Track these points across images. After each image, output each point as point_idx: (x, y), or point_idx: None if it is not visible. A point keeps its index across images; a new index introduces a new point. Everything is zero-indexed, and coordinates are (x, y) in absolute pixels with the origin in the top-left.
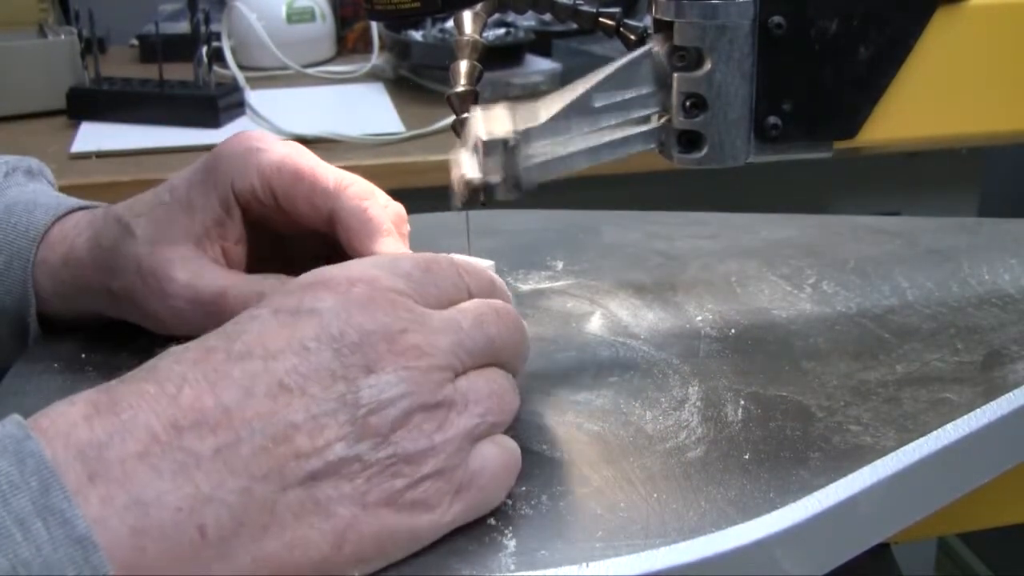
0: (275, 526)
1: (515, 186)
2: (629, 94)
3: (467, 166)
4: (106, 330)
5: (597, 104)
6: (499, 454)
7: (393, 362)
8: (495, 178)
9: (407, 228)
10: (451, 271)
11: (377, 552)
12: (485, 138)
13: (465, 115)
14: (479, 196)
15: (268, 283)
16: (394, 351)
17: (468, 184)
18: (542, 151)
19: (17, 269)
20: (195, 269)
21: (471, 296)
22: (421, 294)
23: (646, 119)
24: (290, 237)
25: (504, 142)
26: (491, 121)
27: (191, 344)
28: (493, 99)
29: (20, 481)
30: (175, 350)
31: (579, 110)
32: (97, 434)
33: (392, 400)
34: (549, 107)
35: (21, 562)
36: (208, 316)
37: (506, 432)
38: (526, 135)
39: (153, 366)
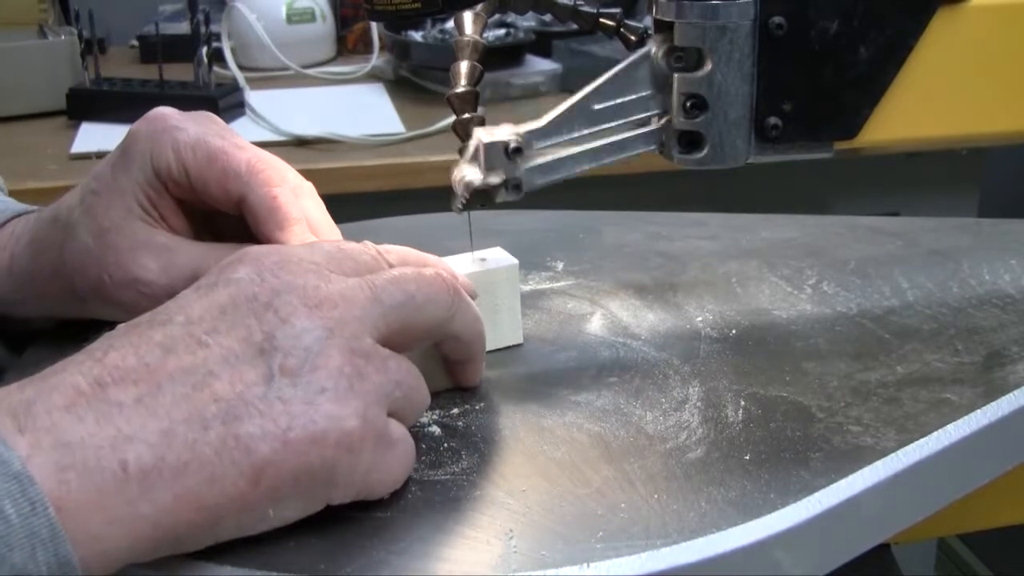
0: (195, 463)
1: (516, 188)
2: (629, 97)
3: (468, 169)
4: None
5: (597, 107)
6: (407, 438)
7: (308, 313)
8: (496, 180)
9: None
10: (368, 250)
11: (293, 489)
12: (486, 140)
13: (465, 115)
14: (480, 199)
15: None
16: (308, 304)
17: (468, 186)
18: (543, 154)
19: None
20: (159, 252)
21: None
22: (337, 267)
23: (646, 121)
24: (215, 214)
25: (505, 145)
26: (492, 131)
27: (122, 324)
28: (493, 100)
29: None
30: (108, 332)
31: (580, 114)
32: (27, 394)
33: (309, 346)
34: (550, 113)
35: None
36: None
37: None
38: (527, 138)
39: (87, 348)
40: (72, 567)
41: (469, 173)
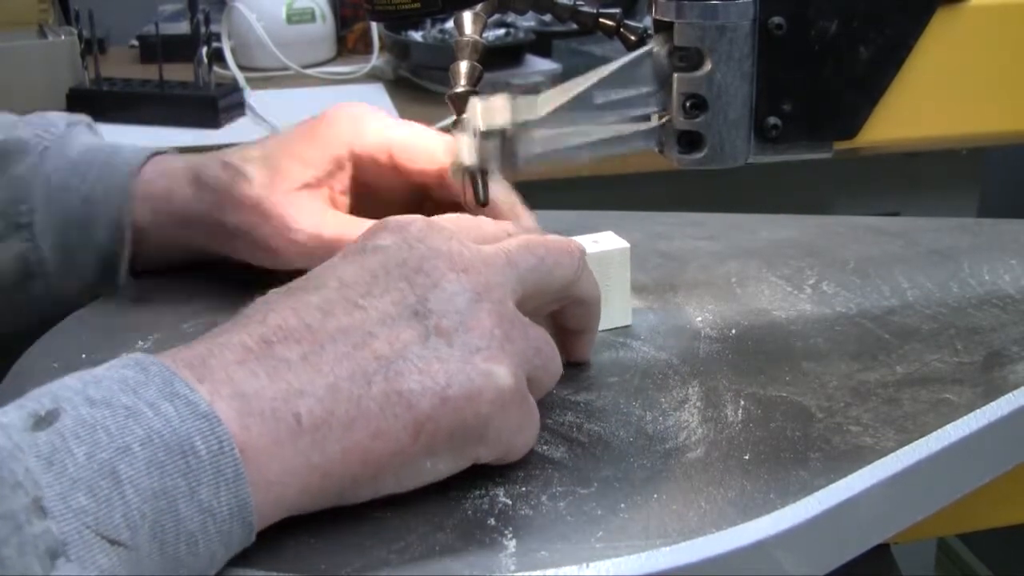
0: (361, 418)
1: (511, 172)
2: (630, 92)
3: (464, 151)
4: (108, 330)
5: (598, 101)
6: (536, 408)
7: (455, 278)
8: (490, 165)
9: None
10: (492, 221)
11: (448, 444)
12: (483, 128)
13: (465, 115)
14: (477, 182)
15: None
16: (455, 269)
17: (465, 170)
18: (540, 143)
19: (114, 199)
20: (318, 212)
21: None
22: (468, 235)
23: (646, 118)
24: (375, 196)
25: (502, 132)
26: (489, 111)
27: (273, 291)
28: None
29: (146, 380)
30: (261, 298)
31: (580, 106)
32: (199, 351)
33: (461, 308)
34: (549, 102)
35: (155, 431)
36: (328, 255)
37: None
38: (524, 127)
39: (242, 312)
40: (249, 511)
41: (465, 156)
